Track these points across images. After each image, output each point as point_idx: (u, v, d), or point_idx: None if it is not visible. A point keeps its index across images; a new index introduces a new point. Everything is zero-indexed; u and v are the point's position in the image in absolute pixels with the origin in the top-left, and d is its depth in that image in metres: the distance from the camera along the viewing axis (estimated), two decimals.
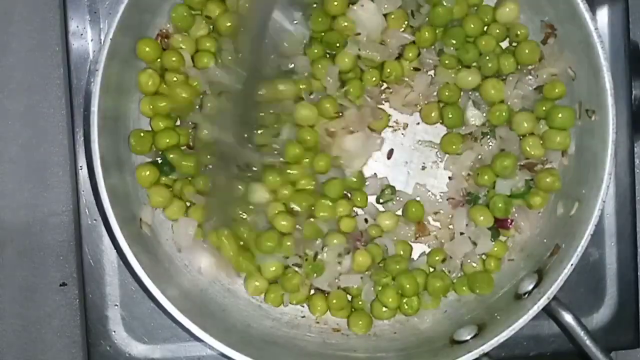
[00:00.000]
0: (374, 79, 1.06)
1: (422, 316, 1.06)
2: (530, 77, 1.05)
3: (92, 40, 1.11)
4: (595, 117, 0.99)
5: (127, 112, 1.06)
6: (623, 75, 1.11)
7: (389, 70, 1.06)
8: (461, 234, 1.06)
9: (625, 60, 1.12)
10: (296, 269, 1.05)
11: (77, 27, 1.12)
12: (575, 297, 1.12)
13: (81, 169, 1.12)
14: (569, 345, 1.13)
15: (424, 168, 1.10)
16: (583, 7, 0.95)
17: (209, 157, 1.05)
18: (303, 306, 1.10)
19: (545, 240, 1.04)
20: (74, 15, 1.12)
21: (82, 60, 1.11)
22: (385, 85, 1.09)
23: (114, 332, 1.13)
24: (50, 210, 1.20)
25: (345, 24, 1.04)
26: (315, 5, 1.05)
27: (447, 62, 1.05)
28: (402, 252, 1.07)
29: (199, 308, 1.03)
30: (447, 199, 1.08)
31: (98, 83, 0.96)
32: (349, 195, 1.08)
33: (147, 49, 1.04)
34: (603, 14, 1.12)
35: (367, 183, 1.08)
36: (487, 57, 1.04)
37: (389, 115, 1.09)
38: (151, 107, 1.05)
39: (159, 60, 1.05)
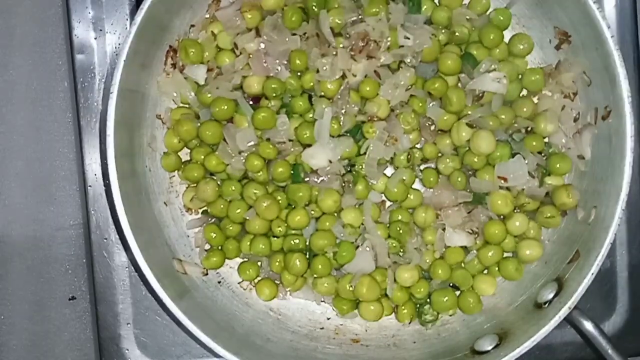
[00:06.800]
0: None
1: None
2: None
3: (97, 55, 1.12)
4: (612, 124, 0.99)
5: (141, 126, 1.06)
6: (632, 82, 1.10)
7: None
8: None
9: (635, 67, 1.13)
10: None
11: (82, 41, 1.12)
12: (588, 305, 1.12)
13: (90, 187, 1.11)
14: (582, 353, 1.14)
15: None
16: (599, 15, 0.95)
17: None
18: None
19: (564, 247, 1.04)
20: (79, 32, 1.12)
21: (87, 74, 1.11)
22: None
23: (127, 350, 1.13)
24: (58, 224, 1.20)
25: None
26: None
27: None
28: None
29: (217, 323, 1.03)
30: None
31: (112, 116, 0.96)
32: None
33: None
34: (611, 20, 1.12)
35: None
36: None
37: None
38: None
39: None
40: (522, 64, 1.08)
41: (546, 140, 1.07)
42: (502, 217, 1.07)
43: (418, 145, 1.08)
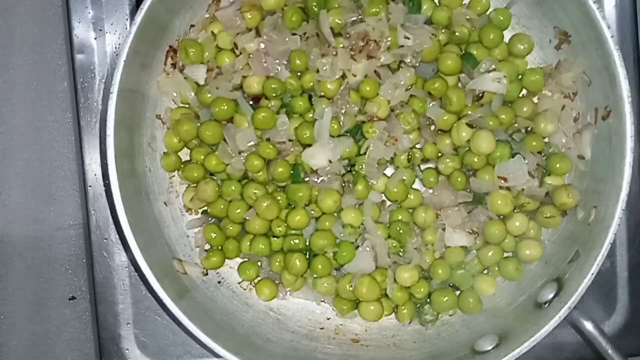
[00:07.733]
0: None
1: None
2: None
3: (97, 55, 1.12)
4: (612, 124, 0.99)
5: (141, 126, 1.06)
6: (632, 82, 1.10)
7: None
8: None
9: (635, 67, 1.13)
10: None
11: (82, 41, 1.12)
12: (588, 305, 1.12)
13: (90, 187, 1.11)
14: (582, 353, 1.14)
15: None
16: (599, 15, 0.95)
17: None
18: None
19: (564, 247, 1.04)
20: (79, 32, 1.12)
21: (87, 74, 1.11)
22: None
23: (127, 350, 1.13)
24: (58, 224, 1.20)
25: None
26: None
27: None
28: None
29: (217, 323, 1.03)
30: None
31: (112, 116, 0.96)
32: None
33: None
34: (611, 20, 1.12)
35: None
36: None
37: None
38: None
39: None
40: (522, 64, 1.08)
41: (546, 140, 1.07)
42: (502, 217, 1.07)
43: (418, 145, 1.08)
